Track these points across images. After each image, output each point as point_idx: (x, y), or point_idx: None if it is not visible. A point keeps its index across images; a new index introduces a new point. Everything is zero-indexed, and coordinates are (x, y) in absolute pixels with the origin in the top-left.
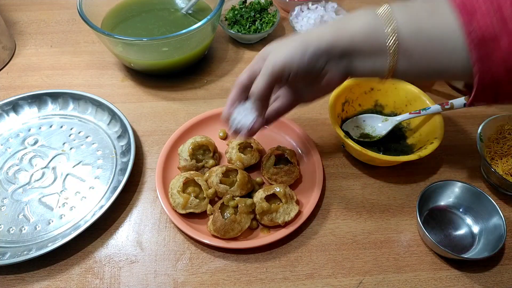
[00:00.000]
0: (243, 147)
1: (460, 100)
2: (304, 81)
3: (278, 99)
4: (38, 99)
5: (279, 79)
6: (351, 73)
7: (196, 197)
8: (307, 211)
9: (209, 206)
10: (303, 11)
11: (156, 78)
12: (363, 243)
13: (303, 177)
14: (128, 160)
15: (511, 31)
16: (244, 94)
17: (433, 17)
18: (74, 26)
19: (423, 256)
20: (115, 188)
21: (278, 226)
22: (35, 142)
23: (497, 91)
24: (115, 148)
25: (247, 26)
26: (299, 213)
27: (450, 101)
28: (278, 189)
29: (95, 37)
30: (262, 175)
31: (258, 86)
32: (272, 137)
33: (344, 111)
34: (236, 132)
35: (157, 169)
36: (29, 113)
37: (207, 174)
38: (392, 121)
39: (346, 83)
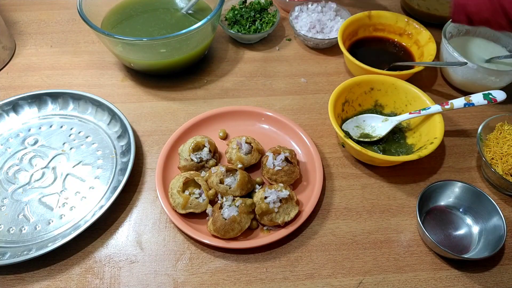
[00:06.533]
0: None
1: (460, 100)
2: None
3: None
4: (38, 99)
5: None
6: None
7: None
8: (307, 211)
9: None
10: (303, 11)
11: (156, 78)
12: (363, 243)
13: (303, 177)
14: (128, 160)
15: None
16: None
17: None
18: (74, 26)
19: (423, 256)
20: (115, 188)
21: (278, 226)
22: (35, 142)
23: (466, 12)
24: (115, 148)
25: (247, 26)
26: (299, 213)
27: (450, 101)
28: (279, 189)
29: (95, 37)
30: (262, 175)
31: None
32: (272, 137)
33: (344, 111)
34: None
35: (157, 169)
36: (29, 113)
37: (207, 174)
38: (392, 121)
39: (346, 83)
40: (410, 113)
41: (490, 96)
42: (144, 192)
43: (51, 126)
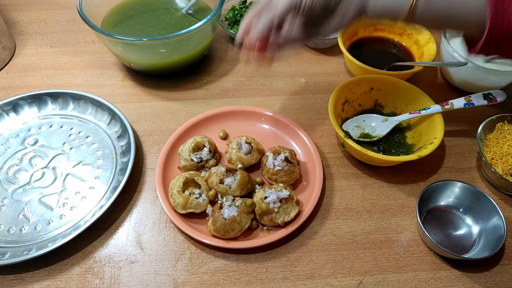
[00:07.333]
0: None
1: (460, 100)
2: (319, 13)
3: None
4: (38, 99)
5: (296, 7)
6: (366, 10)
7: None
8: (307, 211)
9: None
10: None
11: (156, 78)
12: (363, 243)
13: (303, 177)
14: (128, 160)
15: None
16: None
17: None
18: (74, 26)
19: (423, 256)
20: (115, 188)
21: (278, 226)
22: (35, 142)
23: (499, 45)
24: (115, 148)
25: None
26: (299, 213)
27: (450, 101)
28: (279, 189)
29: (95, 37)
30: (262, 175)
31: (277, 9)
32: (272, 137)
33: (344, 111)
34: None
35: (157, 169)
36: (29, 113)
37: (207, 174)
38: (392, 121)
39: (346, 83)
40: (410, 113)
41: (490, 96)
42: (144, 192)
43: (51, 126)
